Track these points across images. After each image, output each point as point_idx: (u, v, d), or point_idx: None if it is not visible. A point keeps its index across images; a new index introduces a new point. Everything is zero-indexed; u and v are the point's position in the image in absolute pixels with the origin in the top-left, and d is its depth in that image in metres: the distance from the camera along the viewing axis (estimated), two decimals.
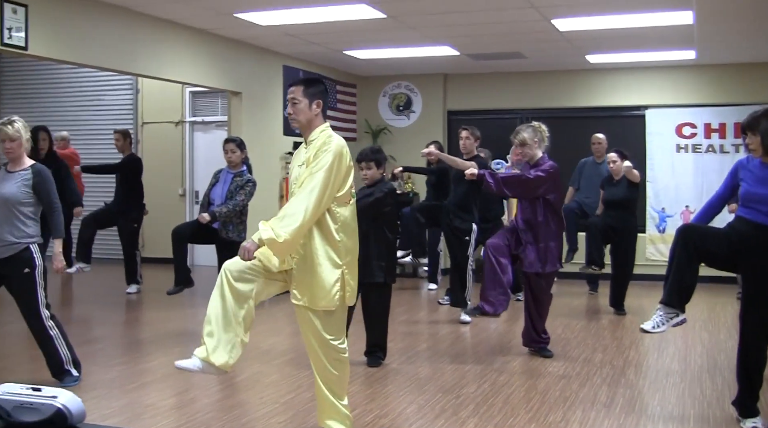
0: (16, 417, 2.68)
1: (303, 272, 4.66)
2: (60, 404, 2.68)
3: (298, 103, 4.72)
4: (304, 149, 4.81)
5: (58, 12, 7.83)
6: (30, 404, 2.69)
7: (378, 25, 9.53)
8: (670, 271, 5.45)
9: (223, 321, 4.66)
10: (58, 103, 15.18)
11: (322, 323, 4.73)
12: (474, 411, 5.93)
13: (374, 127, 14.09)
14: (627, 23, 9.43)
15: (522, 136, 7.43)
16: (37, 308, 6.36)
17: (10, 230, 6.22)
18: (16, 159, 6.34)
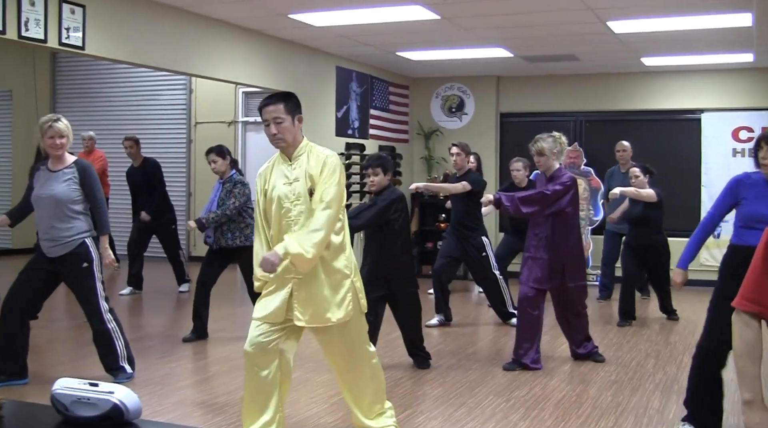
0: (73, 411, 2.70)
1: (312, 291, 4.53)
2: (117, 400, 2.70)
3: (282, 121, 4.49)
4: (284, 166, 4.60)
5: (114, 12, 7.92)
6: (87, 399, 2.70)
7: (432, 27, 9.52)
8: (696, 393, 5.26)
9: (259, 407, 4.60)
10: (112, 103, 15.39)
11: (350, 333, 4.65)
12: (525, 415, 5.89)
13: (426, 129, 14.07)
14: (684, 25, 9.32)
15: (540, 145, 7.18)
16: (96, 302, 6.43)
17: (63, 228, 6.28)
18: (62, 157, 6.39)
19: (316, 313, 4.53)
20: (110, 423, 2.68)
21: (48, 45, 7.25)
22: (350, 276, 4.61)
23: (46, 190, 6.31)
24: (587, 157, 13.17)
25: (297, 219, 4.50)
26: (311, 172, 4.52)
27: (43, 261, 6.41)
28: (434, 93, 14.23)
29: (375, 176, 6.91)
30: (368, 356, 4.80)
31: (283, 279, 4.55)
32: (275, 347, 4.54)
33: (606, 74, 13.23)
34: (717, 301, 5.24)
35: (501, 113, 14.01)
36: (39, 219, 6.39)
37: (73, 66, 15.69)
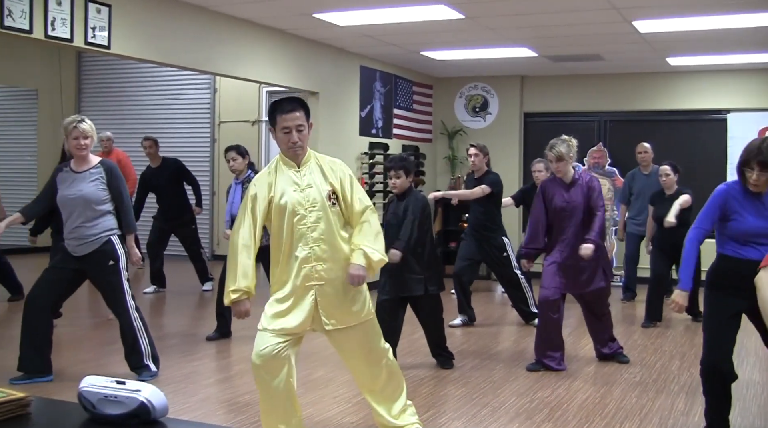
0: (100, 409, 2.71)
1: (337, 295, 4.52)
2: (144, 398, 2.70)
3: (303, 129, 4.49)
4: (292, 172, 4.55)
5: (140, 12, 7.94)
6: (114, 397, 2.71)
7: (456, 26, 9.50)
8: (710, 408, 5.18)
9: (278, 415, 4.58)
10: (136, 102, 15.47)
11: (368, 333, 4.69)
12: (548, 416, 5.88)
13: (450, 129, 14.05)
14: (710, 25, 9.26)
15: (559, 149, 7.10)
16: (123, 299, 6.48)
17: (90, 226, 6.34)
18: (86, 157, 6.43)
19: (342, 315, 4.55)
20: (137, 421, 2.68)
21: (74, 44, 7.28)
22: None
23: (73, 191, 6.36)
24: (611, 157, 13.11)
25: (315, 225, 4.46)
26: (331, 179, 4.53)
27: (68, 260, 6.46)
28: (458, 92, 14.20)
29: (397, 178, 6.90)
30: (384, 353, 4.81)
31: (303, 287, 4.51)
32: (284, 355, 4.50)
33: (631, 74, 13.17)
34: (710, 314, 5.12)
35: (525, 113, 13.96)
36: (65, 219, 6.45)
37: (98, 65, 15.78)
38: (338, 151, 11.09)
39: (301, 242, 4.46)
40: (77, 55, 15.69)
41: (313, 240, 4.46)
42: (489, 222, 9.01)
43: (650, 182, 10.58)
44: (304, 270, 4.47)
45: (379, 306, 7.00)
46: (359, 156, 11.75)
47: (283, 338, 4.47)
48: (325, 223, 4.47)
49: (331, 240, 4.49)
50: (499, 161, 13.25)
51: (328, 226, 4.47)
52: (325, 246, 4.48)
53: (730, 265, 5.01)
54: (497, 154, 13.35)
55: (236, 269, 4.44)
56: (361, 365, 4.78)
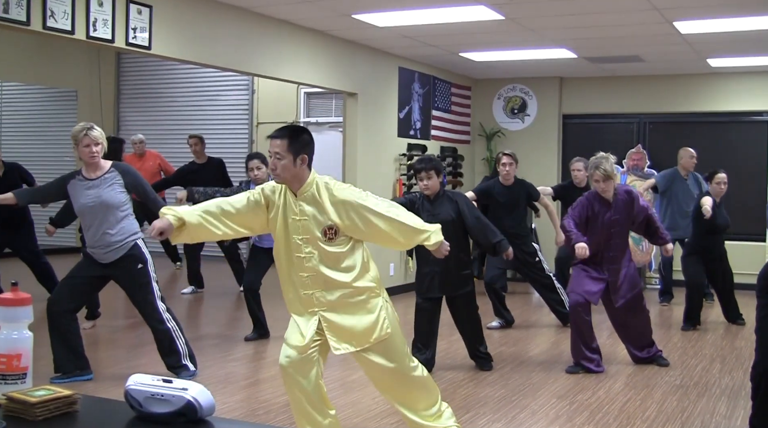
0: (147, 407, 2.71)
1: (343, 320, 4.44)
2: (191, 396, 2.70)
3: (281, 158, 4.37)
4: (291, 199, 4.43)
5: (180, 13, 7.99)
6: (161, 395, 2.71)
7: (496, 27, 9.47)
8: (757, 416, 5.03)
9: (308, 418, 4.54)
10: (175, 103, 15.55)
11: (388, 351, 4.49)
12: (589, 418, 5.85)
13: (488, 130, 14.01)
14: (751, 26, 9.16)
15: (605, 168, 7.04)
16: (154, 302, 6.50)
17: (115, 232, 6.36)
18: (98, 164, 6.44)
19: (352, 337, 4.43)
20: (184, 419, 2.69)
21: (115, 45, 7.33)
22: (380, 294, 4.51)
23: (91, 199, 6.36)
24: (651, 160, 13.01)
25: (309, 256, 4.35)
26: (332, 216, 4.36)
27: (92, 268, 6.48)
28: (496, 94, 14.16)
29: (429, 179, 6.82)
30: (411, 369, 4.62)
31: (307, 312, 4.48)
32: (313, 357, 4.49)
33: (671, 75, 13.06)
34: (765, 316, 5.09)
35: (563, 115, 13.89)
36: (87, 228, 6.46)
37: (137, 66, 15.88)
38: (376, 153, 11.11)
39: (299, 269, 4.40)
40: (116, 56, 15.81)
41: (309, 269, 4.38)
42: (520, 229, 9.00)
43: (691, 185, 10.53)
44: (304, 296, 4.43)
45: (421, 308, 7.00)
46: (397, 157, 11.75)
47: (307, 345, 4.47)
48: (318, 257, 4.36)
49: (326, 272, 4.37)
50: (538, 163, 13.23)
51: (321, 260, 4.36)
52: (320, 278, 4.38)
53: None
54: (535, 155, 13.34)
55: None
56: (390, 384, 4.63)
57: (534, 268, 9.09)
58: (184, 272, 11.73)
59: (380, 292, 4.53)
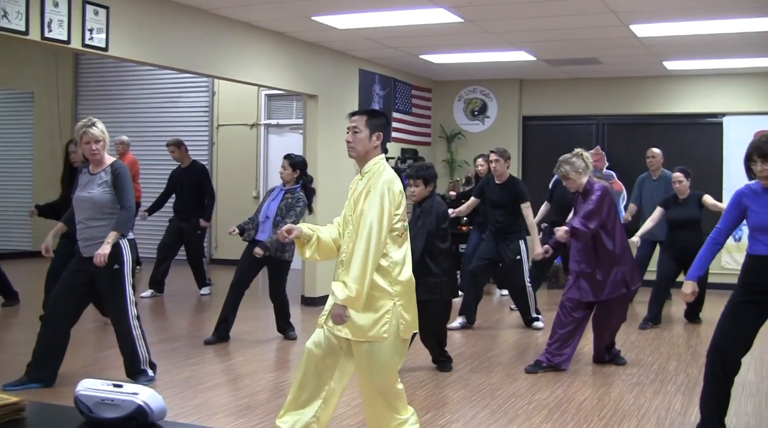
0: (97, 413, 2.69)
1: None
2: (141, 401, 2.69)
3: (359, 132, 4.57)
4: (360, 179, 4.63)
5: (138, 14, 7.94)
6: (111, 400, 2.69)
7: (455, 30, 9.52)
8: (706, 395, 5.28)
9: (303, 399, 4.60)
10: (134, 104, 15.40)
11: (372, 356, 4.46)
12: (547, 417, 5.90)
13: (449, 132, 14.07)
14: (707, 29, 9.28)
15: (564, 169, 7.26)
16: (125, 306, 6.44)
17: (99, 227, 6.33)
18: (100, 160, 6.45)
19: (354, 327, 4.41)
20: (134, 424, 2.67)
21: (71, 46, 7.26)
22: (393, 299, 4.44)
23: (85, 193, 6.40)
24: (609, 160, 13.13)
25: (348, 236, 4.49)
26: (364, 193, 4.47)
27: (83, 263, 6.46)
28: (457, 96, 14.23)
29: (416, 187, 7.04)
30: (388, 391, 4.58)
31: None
32: (336, 350, 4.52)
33: (628, 78, 13.20)
34: (729, 304, 5.31)
35: (523, 116, 13.99)
36: (77, 220, 6.49)
37: (96, 68, 15.72)
38: (337, 155, 11.11)
39: (342, 245, 4.55)
40: (75, 58, 15.66)
41: (345, 246, 4.50)
42: (507, 225, 9.06)
43: (658, 187, 10.64)
44: (336, 274, 4.49)
45: None
46: None
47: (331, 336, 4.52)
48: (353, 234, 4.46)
49: None
50: None
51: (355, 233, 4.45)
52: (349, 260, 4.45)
53: (748, 261, 5.23)
54: None
55: None
56: (365, 385, 4.61)
57: (512, 266, 9.16)
58: (145, 275, 11.67)
59: (395, 299, 4.45)
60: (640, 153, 12.56)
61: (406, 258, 4.55)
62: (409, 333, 4.59)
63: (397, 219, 4.45)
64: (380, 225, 4.34)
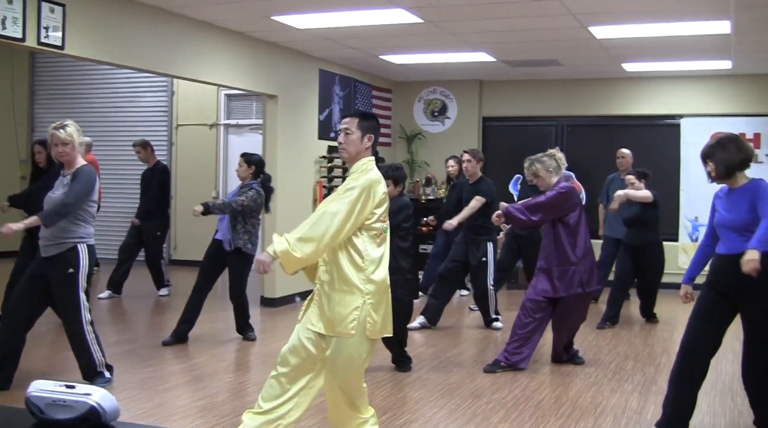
0: (48, 414, 2.66)
1: (323, 297, 4.50)
2: (94, 401, 2.67)
3: (351, 133, 4.65)
4: None
5: (95, 12, 7.86)
6: (63, 401, 2.66)
7: (415, 30, 9.53)
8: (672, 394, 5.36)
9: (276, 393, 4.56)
10: (92, 104, 15.23)
11: (338, 352, 4.47)
12: (505, 417, 5.93)
13: (409, 133, 14.09)
14: (664, 32, 9.37)
15: (535, 167, 7.43)
16: (78, 311, 6.36)
17: (60, 229, 6.26)
18: (70, 162, 6.41)
19: (327, 321, 4.45)
20: (87, 425, 2.65)
21: (26, 44, 7.16)
22: (365, 296, 4.45)
23: (53, 194, 6.36)
24: (568, 162, 13.15)
25: None
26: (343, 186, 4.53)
27: (41, 265, 6.39)
28: (417, 97, 14.25)
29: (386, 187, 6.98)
30: (354, 388, 4.62)
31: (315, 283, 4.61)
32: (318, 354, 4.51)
33: (587, 79, 13.30)
34: (696, 303, 5.40)
35: (483, 117, 14.04)
36: None
37: (53, 66, 15.54)
38: (297, 155, 11.10)
39: None
40: (30, 56, 15.47)
41: None
42: (482, 225, 9.08)
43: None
44: (318, 266, 4.56)
45: None
46: (318, 159, 11.74)
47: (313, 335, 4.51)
48: None
49: (337, 252, 4.47)
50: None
51: None
52: (330, 254, 4.49)
53: (713, 260, 5.43)
54: None
55: None
56: (329, 382, 4.60)
57: (476, 267, 9.20)
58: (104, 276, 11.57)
59: (366, 297, 4.46)
60: (599, 154, 12.73)
61: (383, 259, 4.57)
62: (377, 334, 4.58)
63: (375, 219, 4.51)
64: (349, 211, 4.38)
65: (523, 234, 10.06)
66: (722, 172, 5.26)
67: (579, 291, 7.26)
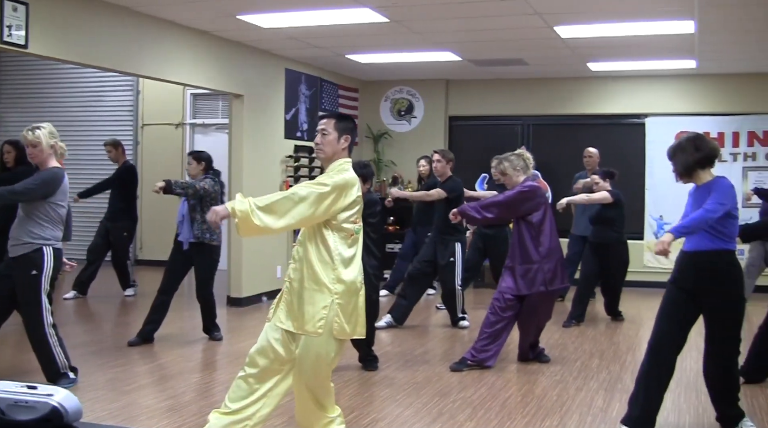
0: (11, 415, 2.65)
1: (293, 295, 4.51)
2: (56, 402, 2.67)
3: (327, 134, 4.64)
4: None
5: (59, 10, 7.80)
6: (25, 402, 2.66)
7: (381, 30, 9.54)
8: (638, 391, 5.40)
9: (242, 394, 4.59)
10: (57, 103, 15.05)
11: (305, 351, 4.51)
12: (471, 415, 5.94)
13: (375, 132, 14.10)
14: (629, 31, 9.43)
15: (503, 165, 7.55)
16: (39, 313, 6.32)
17: (26, 230, 6.23)
18: (40, 163, 6.39)
19: (295, 319, 4.48)
20: (49, 425, 2.64)
21: None
22: (333, 295, 4.47)
23: None
24: (534, 161, 13.18)
25: (304, 231, 4.59)
26: None
27: (8, 266, 6.36)
28: (383, 96, 14.26)
29: None
30: (321, 388, 4.66)
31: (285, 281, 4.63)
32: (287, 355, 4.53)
33: (553, 79, 13.36)
34: (662, 301, 5.45)
35: (450, 116, 14.08)
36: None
37: (17, 65, 15.39)
38: (263, 154, 11.07)
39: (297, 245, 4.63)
40: None
41: (299, 242, 4.59)
42: (449, 225, 9.09)
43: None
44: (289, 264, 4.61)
45: None
46: (284, 159, 11.72)
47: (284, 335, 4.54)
48: (307, 233, 4.56)
49: (307, 244, 4.52)
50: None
51: (307, 236, 4.54)
52: (301, 247, 4.55)
53: (677, 258, 5.47)
54: None
55: None
56: (296, 380, 4.64)
57: (444, 267, 9.22)
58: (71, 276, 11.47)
59: (335, 296, 4.48)
60: (565, 153, 12.79)
61: (354, 260, 4.59)
62: (345, 335, 4.59)
63: (346, 218, 4.53)
64: (316, 201, 4.39)
65: (490, 234, 10.10)
66: (681, 172, 5.34)
67: (542, 289, 7.29)
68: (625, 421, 5.39)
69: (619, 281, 9.91)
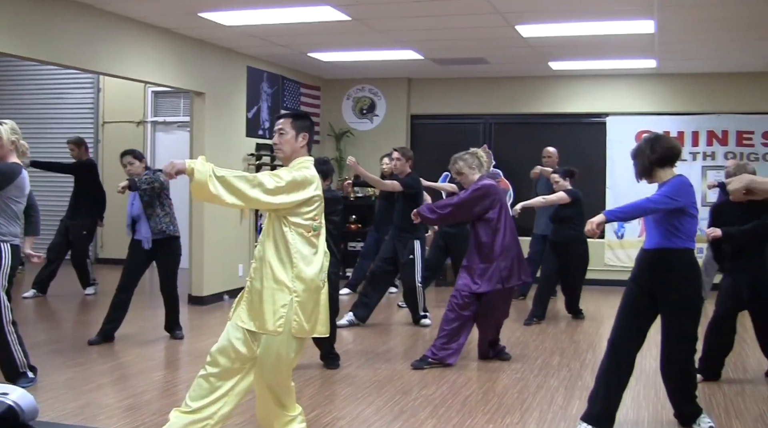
0: None
1: (254, 294, 4.51)
2: (11, 401, 2.65)
3: (285, 133, 4.68)
4: None
5: (18, 7, 7.73)
6: None
7: (342, 28, 9.53)
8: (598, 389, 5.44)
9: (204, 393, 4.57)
10: (16, 100, 14.92)
11: (267, 350, 4.51)
12: (432, 413, 5.96)
13: (337, 130, 14.09)
14: (589, 31, 9.50)
15: (458, 165, 7.58)
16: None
17: None
18: (1, 159, 6.31)
19: (256, 318, 4.48)
20: (5, 424, 2.62)
21: None
22: (292, 293, 4.47)
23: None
24: (496, 159, 13.32)
25: (266, 229, 4.60)
26: None
27: None
28: (345, 94, 14.25)
29: None
30: (282, 387, 4.68)
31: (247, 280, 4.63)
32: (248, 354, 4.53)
33: (515, 78, 13.42)
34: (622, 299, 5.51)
35: (412, 115, 14.10)
36: None
37: None
38: (224, 152, 11.03)
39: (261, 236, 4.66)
40: None
41: (260, 241, 4.60)
42: (402, 223, 9.11)
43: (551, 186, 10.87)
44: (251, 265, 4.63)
45: None
46: (246, 157, 11.68)
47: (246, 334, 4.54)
48: (267, 231, 4.57)
49: (266, 242, 4.53)
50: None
51: (268, 234, 4.55)
52: (261, 246, 4.56)
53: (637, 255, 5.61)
54: None
55: None
56: (257, 379, 4.65)
57: (404, 264, 9.24)
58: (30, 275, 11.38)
59: (293, 294, 4.48)
60: (527, 152, 12.85)
61: (315, 259, 4.59)
62: (305, 334, 4.60)
63: (305, 216, 4.54)
64: (272, 192, 4.39)
65: (451, 232, 10.14)
66: (640, 172, 5.42)
67: (499, 287, 7.32)
68: (585, 418, 5.43)
69: (579, 279, 9.99)
